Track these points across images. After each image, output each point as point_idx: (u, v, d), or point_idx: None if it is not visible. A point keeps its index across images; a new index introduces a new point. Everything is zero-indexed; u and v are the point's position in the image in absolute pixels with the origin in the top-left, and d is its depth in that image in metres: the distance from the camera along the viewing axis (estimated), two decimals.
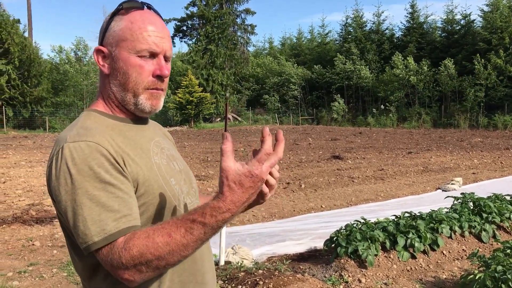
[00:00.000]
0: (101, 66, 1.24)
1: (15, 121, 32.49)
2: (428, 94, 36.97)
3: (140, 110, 1.25)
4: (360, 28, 45.57)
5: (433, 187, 9.39)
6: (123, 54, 1.20)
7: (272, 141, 1.07)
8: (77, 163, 1.07)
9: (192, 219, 1.01)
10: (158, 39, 1.21)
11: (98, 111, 1.25)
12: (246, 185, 0.99)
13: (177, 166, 1.33)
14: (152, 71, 1.21)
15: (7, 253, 5.37)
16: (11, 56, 31.74)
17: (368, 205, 7.86)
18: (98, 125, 1.19)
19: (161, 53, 1.22)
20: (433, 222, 5.03)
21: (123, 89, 1.22)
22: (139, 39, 1.19)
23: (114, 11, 1.23)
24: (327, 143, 19.77)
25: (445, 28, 41.54)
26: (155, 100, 1.24)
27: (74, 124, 1.20)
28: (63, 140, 1.13)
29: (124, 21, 1.21)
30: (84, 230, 1.05)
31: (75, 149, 1.08)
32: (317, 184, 9.66)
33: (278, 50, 54.65)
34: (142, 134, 1.28)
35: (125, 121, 1.26)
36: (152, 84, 1.22)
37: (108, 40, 1.22)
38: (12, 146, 18.05)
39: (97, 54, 1.25)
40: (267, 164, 1.01)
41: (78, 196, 1.06)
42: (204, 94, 36.80)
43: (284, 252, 5.16)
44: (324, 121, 40.39)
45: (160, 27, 1.23)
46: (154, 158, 1.24)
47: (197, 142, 20.81)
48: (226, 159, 1.00)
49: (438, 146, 18.00)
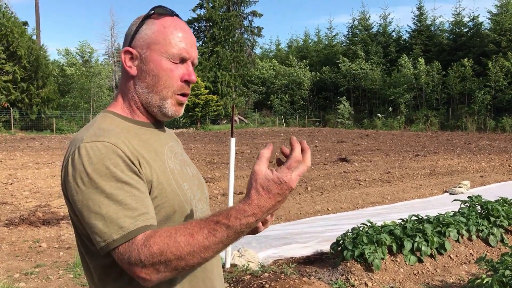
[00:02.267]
0: (128, 67, 1.25)
1: (22, 123, 32.69)
2: (436, 96, 36.83)
3: (163, 114, 1.26)
4: (366, 30, 45.51)
5: (440, 190, 9.34)
6: (155, 57, 1.22)
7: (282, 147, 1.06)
8: (93, 162, 1.07)
9: (216, 221, 1.00)
10: (188, 46, 1.24)
11: (115, 113, 1.26)
12: (274, 191, 0.98)
13: (190, 172, 1.34)
14: (181, 76, 1.24)
15: (14, 254, 5.40)
16: (19, 58, 31.97)
17: (375, 208, 7.83)
18: (114, 127, 1.19)
19: (190, 60, 1.26)
20: (440, 226, 5.00)
21: (151, 91, 1.24)
22: (172, 44, 1.21)
23: (146, 15, 1.26)
24: (333, 145, 19.73)
25: (453, 30, 41.40)
26: (179, 107, 1.27)
27: (90, 125, 1.21)
28: (79, 140, 1.13)
29: (157, 25, 1.23)
30: (103, 228, 1.05)
31: (91, 149, 1.09)
32: (323, 187, 9.63)
33: (284, 52, 54.66)
34: (157, 138, 1.28)
35: (142, 124, 1.27)
36: (181, 89, 1.25)
37: (138, 42, 1.24)
38: (20, 148, 18.15)
39: (125, 54, 1.26)
40: (296, 173, 0.99)
41: (95, 195, 1.06)
42: (210, 96, 36.87)
43: (290, 255, 5.15)
44: (330, 124, 40.32)
45: (190, 34, 1.26)
46: (168, 162, 1.25)
47: (203, 144, 20.84)
48: (260, 163, 1.00)
49: (446, 149, 17.91)
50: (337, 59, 44.04)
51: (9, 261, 5.14)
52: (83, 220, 1.08)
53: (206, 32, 41.78)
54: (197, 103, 35.83)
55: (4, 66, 31.46)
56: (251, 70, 44.81)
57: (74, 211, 1.11)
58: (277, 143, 20.60)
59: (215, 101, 37.13)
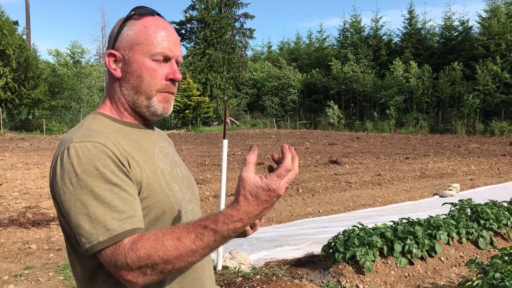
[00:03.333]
0: (113, 69, 1.25)
1: (12, 123, 32.41)
2: (426, 99, 37.10)
3: (151, 113, 1.26)
4: (357, 33, 45.75)
5: (430, 193, 9.40)
6: (138, 58, 1.22)
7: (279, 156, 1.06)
8: (83, 162, 1.07)
9: (203, 225, 1.01)
10: (171, 44, 1.24)
11: (104, 114, 1.26)
12: (262, 198, 0.99)
13: (180, 173, 1.33)
14: (165, 74, 1.24)
15: (3, 256, 5.34)
16: (8, 59, 31.69)
17: (366, 210, 7.86)
18: (104, 128, 1.19)
19: (174, 58, 1.25)
20: (430, 228, 5.03)
21: (136, 92, 1.23)
22: (154, 43, 1.21)
23: (127, 16, 1.26)
24: (324, 147, 19.79)
25: (443, 34, 41.74)
26: (167, 104, 1.27)
27: (79, 126, 1.21)
28: (68, 140, 1.13)
29: (138, 25, 1.23)
30: (89, 229, 1.04)
31: (81, 149, 1.09)
32: (314, 189, 9.65)
33: (276, 55, 54.79)
34: (147, 138, 1.28)
35: (131, 125, 1.27)
36: (166, 87, 1.24)
37: (121, 44, 1.24)
38: (9, 148, 17.99)
39: (108, 57, 1.26)
40: (285, 180, 1.00)
41: (83, 196, 1.05)
42: (202, 98, 36.83)
43: (282, 257, 5.15)
44: (321, 126, 40.44)
45: (173, 33, 1.26)
46: (158, 162, 1.24)
47: (194, 145, 20.80)
48: (247, 169, 1.00)
49: (436, 151, 18.04)
50: (328, 61, 44.20)
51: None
52: (69, 221, 1.08)
53: (198, 33, 41.71)
54: (189, 104, 35.79)
55: None
56: (243, 72, 44.83)
57: (62, 212, 1.11)
58: (268, 145, 20.62)
59: (206, 103, 37.10)
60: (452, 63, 35.64)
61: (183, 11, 43.01)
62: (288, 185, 1.02)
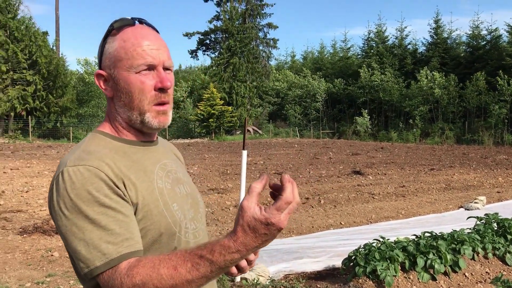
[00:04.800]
0: (104, 90, 1.25)
1: (39, 131, 33.17)
2: (452, 109, 36.48)
3: (148, 128, 1.24)
4: (382, 42, 45.40)
5: (455, 206, 9.20)
6: (122, 74, 1.19)
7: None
8: (76, 187, 1.06)
9: (200, 255, 0.98)
10: (153, 52, 1.20)
11: (104, 132, 1.25)
12: (260, 231, 0.95)
13: (183, 190, 1.31)
14: (153, 84, 1.20)
15: (27, 263, 5.43)
16: (39, 68, 32.55)
17: (389, 222, 7.73)
18: (101, 148, 1.18)
19: (159, 65, 1.21)
20: (454, 243, 4.91)
21: (129, 109, 1.22)
22: (134, 56, 1.18)
23: (106, 33, 1.23)
24: (348, 157, 19.61)
25: (470, 43, 41.06)
26: (162, 117, 1.23)
27: (77, 147, 1.20)
28: (63, 164, 1.13)
29: (117, 40, 1.20)
30: (86, 254, 1.04)
31: (74, 173, 1.08)
32: (336, 200, 9.55)
33: (299, 64, 54.75)
34: (148, 156, 1.26)
35: (131, 143, 1.25)
36: (156, 98, 1.21)
37: (105, 63, 1.22)
38: (36, 156, 18.38)
39: (98, 78, 1.25)
40: (286, 212, 0.96)
41: (78, 220, 1.05)
42: (225, 107, 37.04)
43: (302, 269, 5.09)
44: (345, 135, 40.13)
45: (154, 39, 1.22)
46: (157, 182, 1.23)
47: (217, 154, 20.87)
48: (249, 198, 0.96)
49: (462, 163, 17.67)
50: (352, 71, 43.94)
51: (21, 270, 5.17)
52: (67, 245, 1.08)
53: (222, 43, 42.05)
54: (212, 113, 36.03)
55: (25, 76, 32.05)
56: (266, 82, 44.93)
57: (60, 235, 1.11)
58: (291, 154, 20.54)
59: (229, 112, 37.29)
60: (477, 73, 35.01)
61: (207, 21, 43.50)
62: (289, 216, 0.98)
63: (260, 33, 44.55)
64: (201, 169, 14.49)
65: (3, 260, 5.49)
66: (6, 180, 11.23)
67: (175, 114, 43.07)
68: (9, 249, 5.94)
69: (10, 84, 32.23)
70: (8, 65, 31.72)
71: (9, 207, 8.44)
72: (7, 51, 31.37)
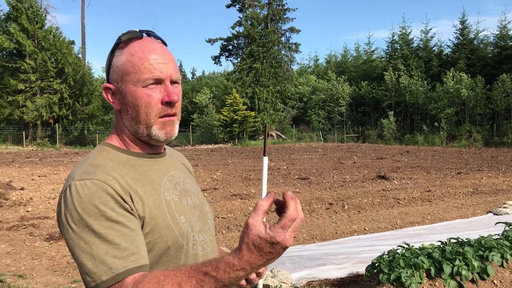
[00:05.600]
0: (112, 103, 1.26)
1: (66, 138, 33.87)
2: (480, 111, 35.73)
3: (155, 140, 1.25)
4: (407, 45, 44.88)
5: (483, 210, 8.98)
6: (130, 88, 1.20)
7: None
8: (83, 201, 1.07)
9: (204, 272, 0.97)
10: (160, 66, 1.20)
11: (111, 145, 1.26)
12: (265, 250, 0.94)
13: (190, 202, 1.31)
14: (160, 98, 1.21)
15: (53, 269, 5.52)
16: (65, 76, 33.29)
17: (414, 228, 7.59)
18: (109, 162, 1.19)
19: (167, 79, 1.21)
20: (482, 249, 4.78)
21: (136, 122, 1.22)
22: (142, 70, 1.18)
23: (114, 46, 1.24)
24: (372, 162, 19.39)
25: (498, 43, 40.22)
26: (169, 128, 1.24)
27: (85, 160, 1.22)
28: (71, 177, 1.14)
29: (124, 54, 1.21)
30: (92, 268, 1.04)
31: (81, 187, 1.09)
32: (361, 206, 9.44)
33: (323, 68, 54.54)
34: (156, 168, 1.27)
35: (139, 155, 1.26)
36: (163, 111, 1.22)
37: (113, 76, 1.23)
38: (64, 163, 18.74)
39: (105, 92, 1.26)
40: (291, 230, 0.95)
41: (85, 234, 1.06)
42: (248, 112, 37.15)
43: (325, 276, 5.04)
44: (370, 139, 39.72)
45: (161, 53, 1.22)
46: (164, 194, 1.23)
47: (240, 159, 20.91)
48: (255, 216, 0.95)
49: (490, 166, 17.26)
50: (376, 74, 43.53)
51: (47, 276, 5.26)
52: (74, 258, 1.09)
53: (244, 49, 42.23)
54: (235, 119, 36.17)
55: (52, 84, 32.83)
56: (289, 86, 44.89)
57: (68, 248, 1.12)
58: (314, 159, 20.43)
59: (253, 117, 37.38)
60: (506, 74, 34.23)
61: (230, 27, 43.78)
62: (295, 234, 0.97)
63: (282, 38, 44.60)
64: (224, 174, 14.53)
65: (30, 266, 5.60)
66: (34, 187, 11.48)
67: (198, 119, 43.40)
68: (36, 255, 6.06)
69: (38, 92, 33.05)
70: (36, 74, 32.54)
71: (37, 213, 8.62)
72: (35, 60, 32.19)
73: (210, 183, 12.49)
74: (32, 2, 33.36)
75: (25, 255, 6.08)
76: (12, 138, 32.93)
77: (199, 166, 16.73)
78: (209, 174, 14.68)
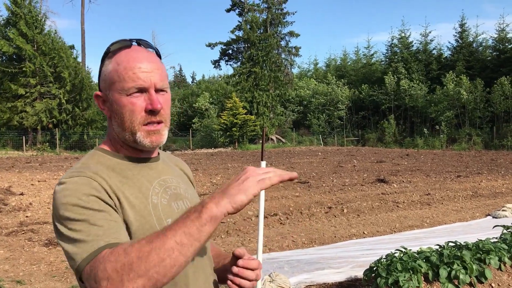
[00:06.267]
0: (102, 109, 1.31)
1: (66, 143, 33.91)
2: (479, 114, 35.75)
3: (141, 146, 1.28)
4: (406, 48, 44.94)
5: (482, 214, 8.98)
6: (115, 96, 1.24)
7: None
8: (69, 194, 1.12)
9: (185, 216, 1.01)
10: (144, 75, 1.22)
11: (104, 150, 1.31)
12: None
13: (182, 206, 1.33)
14: (144, 106, 1.23)
15: (51, 274, 5.52)
16: (64, 81, 33.33)
17: (413, 232, 7.59)
18: (99, 165, 1.24)
19: (151, 87, 1.23)
20: (480, 253, 4.79)
21: (122, 129, 1.26)
22: (125, 79, 1.21)
23: (103, 55, 1.28)
24: (372, 165, 19.39)
25: (496, 46, 40.29)
26: (154, 137, 1.26)
27: (78, 162, 1.28)
28: (64, 175, 1.20)
29: (112, 63, 1.25)
30: (75, 250, 1.05)
31: (69, 182, 1.14)
32: (360, 209, 9.45)
33: (322, 72, 54.57)
34: (146, 172, 1.31)
35: (129, 159, 1.30)
36: (146, 119, 1.24)
37: (102, 84, 1.28)
38: (63, 168, 18.74)
39: (97, 99, 1.30)
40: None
41: (69, 223, 1.09)
42: (248, 116, 37.17)
43: (323, 280, 5.04)
44: (370, 143, 39.72)
45: (146, 62, 1.24)
46: (152, 197, 1.26)
47: (240, 163, 20.90)
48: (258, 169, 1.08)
49: (490, 169, 17.27)
50: (376, 77, 43.58)
51: (46, 281, 5.26)
52: (62, 247, 1.11)
53: (244, 53, 42.29)
54: (235, 123, 36.20)
55: (51, 89, 32.86)
56: (289, 90, 44.92)
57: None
58: (314, 163, 20.42)
59: (252, 121, 37.41)
60: (505, 77, 34.27)
61: (229, 32, 43.85)
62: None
63: (282, 42, 44.66)
64: (224, 178, 14.53)
65: (29, 272, 5.61)
66: (33, 192, 11.48)
67: (198, 123, 43.42)
68: (35, 261, 6.06)
69: (38, 97, 33.09)
70: (36, 79, 32.59)
71: (36, 218, 8.62)
72: (34, 64, 32.25)
73: (209, 188, 12.50)
74: (31, 8, 33.44)
75: (23, 260, 6.08)
76: (12, 143, 32.96)
77: (199, 171, 16.73)
78: (209, 178, 14.68)
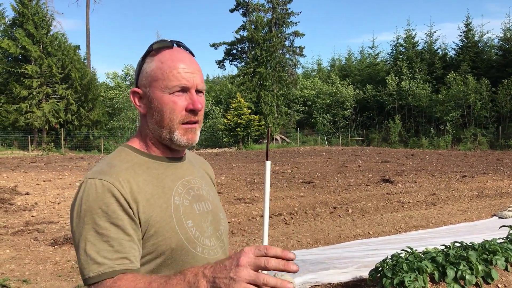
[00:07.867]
0: (138, 106, 1.32)
1: (71, 143, 34.05)
2: (485, 114, 35.60)
3: (176, 145, 1.30)
4: (411, 47, 44.83)
5: (488, 214, 8.94)
6: (157, 93, 1.26)
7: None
8: (89, 200, 1.14)
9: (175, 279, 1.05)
10: (188, 75, 1.26)
11: (131, 147, 1.33)
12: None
13: (203, 207, 1.35)
14: (185, 106, 1.27)
15: (57, 274, 5.54)
16: (72, 82, 33.46)
17: (418, 232, 7.57)
18: (125, 163, 1.25)
19: (193, 88, 1.27)
20: (486, 253, 4.76)
21: (160, 127, 1.28)
22: (170, 78, 1.25)
23: (145, 53, 1.30)
24: (377, 165, 19.34)
25: (502, 46, 40.12)
26: (190, 135, 1.30)
27: (105, 158, 1.31)
28: (88, 174, 1.23)
29: (155, 61, 1.27)
30: (84, 263, 1.11)
31: (91, 186, 1.16)
32: (365, 209, 9.42)
33: (327, 71, 54.53)
34: (171, 172, 1.32)
35: (157, 158, 1.32)
36: (186, 118, 1.27)
37: (141, 81, 1.30)
38: (68, 167, 18.81)
39: (133, 95, 1.32)
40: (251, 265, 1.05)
41: (84, 231, 1.13)
42: (252, 116, 37.19)
43: (328, 280, 5.03)
44: (374, 142, 39.64)
45: (189, 63, 1.28)
46: (174, 198, 1.27)
47: (244, 163, 20.91)
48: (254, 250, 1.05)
49: (495, 169, 17.18)
50: (381, 77, 43.50)
51: (51, 281, 5.28)
52: (73, 241, 1.16)
53: (248, 53, 42.29)
54: (240, 123, 36.23)
55: (58, 90, 32.99)
56: (293, 90, 44.90)
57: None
58: (318, 163, 20.39)
59: (257, 120, 37.41)
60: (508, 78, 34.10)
61: (234, 32, 43.87)
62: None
63: (286, 42, 44.64)
64: (229, 178, 14.54)
65: (34, 271, 5.62)
66: (39, 192, 11.53)
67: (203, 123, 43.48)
68: (41, 260, 6.08)
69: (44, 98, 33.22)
70: (42, 80, 32.71)
71: (41, 218, 8.66)
72: (40, 66, 32.36)
73: None
74: (38, 8, 33.58)
75: (29, 260, 6.10)
76: (18, 143, 33.11)
77: None
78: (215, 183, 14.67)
